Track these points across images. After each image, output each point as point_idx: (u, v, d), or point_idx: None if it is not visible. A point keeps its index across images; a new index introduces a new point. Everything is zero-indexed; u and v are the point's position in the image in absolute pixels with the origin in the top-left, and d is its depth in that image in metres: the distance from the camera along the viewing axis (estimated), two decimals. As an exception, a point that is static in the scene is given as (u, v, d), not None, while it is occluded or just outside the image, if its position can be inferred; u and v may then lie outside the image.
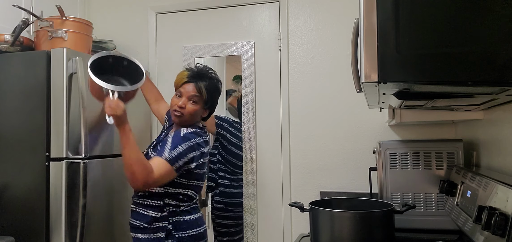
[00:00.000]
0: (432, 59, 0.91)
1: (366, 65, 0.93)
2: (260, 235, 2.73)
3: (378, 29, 0.93)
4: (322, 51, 2.67)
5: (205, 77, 1.95)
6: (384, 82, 0.94)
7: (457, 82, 0.94)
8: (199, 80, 1.93)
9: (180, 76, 1.96)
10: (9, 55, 2.22)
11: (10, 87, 2.19)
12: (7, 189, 2.17)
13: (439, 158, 1.95)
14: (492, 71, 0.88)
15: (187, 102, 1.90)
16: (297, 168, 2.68)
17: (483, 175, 1.40)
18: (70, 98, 2.15)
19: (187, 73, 1.95)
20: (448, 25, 0.91)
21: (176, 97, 1.93)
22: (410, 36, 0.92)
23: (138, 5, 3.02)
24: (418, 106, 1.67)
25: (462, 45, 0.89)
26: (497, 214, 1.09)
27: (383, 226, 1.67)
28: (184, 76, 1.94)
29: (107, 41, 2.87)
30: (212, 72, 2.00)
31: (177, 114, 1.90)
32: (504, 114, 1.51)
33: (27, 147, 2.15)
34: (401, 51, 0.92)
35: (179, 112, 1.90)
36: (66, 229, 2.10)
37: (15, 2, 2.31)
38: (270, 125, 2.74)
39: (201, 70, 1.98)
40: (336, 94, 2.63)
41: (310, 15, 2.70)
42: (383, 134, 2.55)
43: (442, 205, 1.91)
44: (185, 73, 1.95)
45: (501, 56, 0.87)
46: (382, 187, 2.00)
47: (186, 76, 1.94)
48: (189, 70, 1.97)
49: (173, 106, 1.92)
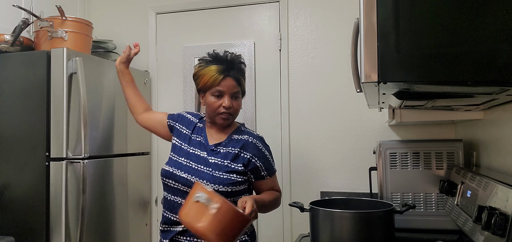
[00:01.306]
0: (432, 59, 0.91)
1: (366, 65, 0.93)
2: (260, 235, 2.73)
3: (378, 29, 0.93)
4: (322, 51, 2.67)
5: (236, 64, 1.71)
6: (384, 82, 0.94)
7: (457, 82, 0.94)
8: (234, 71, 1.68)
9: (211, 73, 1.66)
10: (9, 55, 2.22)
11: (10, 87, 2.19)
12: (7, 189, 2.17)
13: (439, 158, 1.95)
14: (492, 71, 0.88)
15: (230, 100, 1.67)
16: (297, 168, 2.68)
17: (483, 175, 1.40)
18: (70, 98, 2.15)
19: (220, 67, 1.67)
20: (448, 25, 0.90)
21: (214, 97, 1.67)
22: (410, 36, 0.92)
23: (138, 5, 3.02)
24: (418, 106, 1.67)
25: (462, 45, 0.89)
26: (497, 214, 1.09)
27: (383, 226, 1.67)
28: (218, 71, 1.66)
29: (107, 41, 2.87)
30: (236, 55, 1.74)
31: (224, 117, 1.68)
32: (504, 114, 1.51)
33: (27, 147, 2.15)
34: (401, 51, 0.92)
35: (227, 114, 1.67)
36: (66, 229, 2.10)
37: (15, 2, 2.31)
38: (270, 125, 2.74)
39: (230, 58, 1.71)
40: (336, 94, 2.63)
41: (310, 15, 2.70)
42: (383, 134, 2.55)
43: (442, 205, 1.91)
44: (216, 67, 1.67)
45: (501, 56, 0.87)
46: (382, 187, 2.00)
47: (220, 71, 1.66)
48: (218, 62, 1.69)
49: (217, 108, 1.67)
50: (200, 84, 1.71)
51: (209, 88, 1.67)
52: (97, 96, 2.34)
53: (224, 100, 1.66)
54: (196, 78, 1.74)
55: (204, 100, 1.72)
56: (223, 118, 1.68)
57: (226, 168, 1.64)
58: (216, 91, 1.66)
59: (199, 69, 1.72)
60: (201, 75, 1.69)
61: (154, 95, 2.95)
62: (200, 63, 1.73)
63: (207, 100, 1.69)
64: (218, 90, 1.66)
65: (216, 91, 1.66)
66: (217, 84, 1.65)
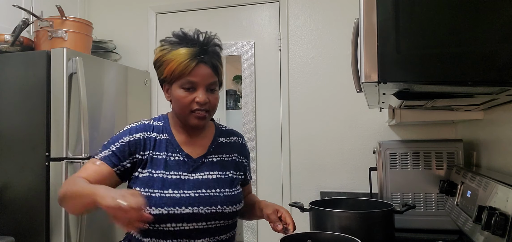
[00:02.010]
0: (432, 59, 0.91)
1: (366, 65, 0.93)
2: (260, 235, 2.73)
3: (378, 29, 0.92)
4: (322, 51, 2.67)
5: (211, 46, 1.32)
6: (384, 82, 0.94)
7: (457, 82, 0.94)
8: (209, 55, 1.30)
9: (180, 58, 1.26)
10: (9, 55, 2.22)
11: (10, 87, 2.19)
12: (7, 189, 2.17)
13: (439, 158, 1.95)
14: (492, 71, 0.88)
15: (206, 93, 1.28)
16: (297, 167, 2.68)
17: (483, 175, 1.40)
18: (70, 98, 2.15)
19: (191, 51, 1.27)
20: (448, 25, 0.90)
21: (184, 91, 1.27)
22: (410, 36, 0.92)
23: (138, 5, 3.02)
24: (418, 106, 1.67)
25: (462, 45, 0.89)
26: (497, 214, 1.09)
27: (383, 226, 1.67)
28: (189, 56, 1.26)
29: (107, 41, 2.87)
30: (212, 34, 1.36)
31: (199, 116, 1.29)
32: (504, 114, 1.51)
33: (27, 146, 2.15)
34: (401, 51, 0.92)
35: (203, 112, 1.29)
36: (66, 229, 2.10)
37: (15, 2, 2.31)
38: (270, 124, 2.74)
39: (204, 39, 1.32)
40: (336, 94, 2.63)
41: (310, 15, 2.70)
42: (383, 134, 2.55)
43: (442, 205, 1.91)
44: (186, 51, 1.27)
45: (501, 56, 0.87)
46: (382, 187, 2.00)
47: (191, 55, 1.26)
48: (187, 44, 1.28)
49: (189, 105, 1.28)
50: (165, 74, 1.29)
51: (178, 79, 1.27)
52: (97, 96, 2.34)
53: (197, 94, 1.27)
54: (158, 66, 1.32)
55: (170, 94, 1.32)
56: (198, 118, 1.29)
57: (231, 180, 1.35)
58: (187, 82, 1.27)
59: (163, 54, 1.29)
60: (166, 61, 1.28)
61: (154, 95, 2.95)
62: (163, 46, 1.31)
63: (175, 95, 1.29)
64: (190, 81, 1.26)
65: (187, 83, 1.27)
66: (188, 74, 1.26)
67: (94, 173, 1.24)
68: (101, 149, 1.30)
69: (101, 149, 1.30)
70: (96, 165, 1.26)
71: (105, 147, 1.30)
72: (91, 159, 1.30)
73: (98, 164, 1.26)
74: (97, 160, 1.27)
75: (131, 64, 2.86)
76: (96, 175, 1.24)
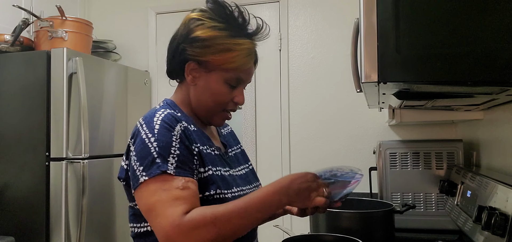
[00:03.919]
0: (432, 59, 0.91)
1: (366, 65, 0.93)
2: (260, 235, 2.73)
3: (378, 29, 0.92)
4: (322, 51, 2.67)
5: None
6: (384, 82, 0.94)
7: (457, 82, 0.94)
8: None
9: (243, 52, 1.07)
10: (9, 55, 2.22)
11: (10, 87, 2.19)
12: (7, 189, 2.17)
13: (439, 158, 1.95)
14: (492, 71, 0.88)
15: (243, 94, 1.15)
16: (297, 168, 2.68)
17: (483, 175, 1.40)
18: (70, 98, 2.15)
19: (252, 47, 1.11)
20: (448, 25, 0.90)
21: (228, 86, 1.09)
22: (410, 36, 0.92)
23: (138, 5, 3.02)
24: (418, 106, 1.67)
25: (462, 45, 0.89)
26: (497, 214, 1.09)
27: (383, 226, 1.67)
28: (249, 53, 1.09)
29: (107, 41, 2.87)
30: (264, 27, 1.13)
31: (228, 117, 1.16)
32: (504, 114, 1.51)
33: (27, 146, 2.15)
34: (401, 51, 0.92)
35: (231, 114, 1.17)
36: (66, 229, 2.10)
37: (15, 2, 2.32)
38: (270, 124, 2.74)
39: (262, 33, 1.13)
40: (336, 94, 2.63)
41: (310, 15, 2.70)
42: (383, 134, 2.55)
43: (442, 205, 1.91)
44: (250, 46, 1.09)
45: (501, 56, 0.87)
46: (382, 187, 2.00)
47: (251, 52, 1.10)
48: (249, 36, 1.10)
49: (226, 103, 1.12)
50: (211, 58, 1.05)
51: (227, 71, 1.07)
52: (97, 96, 2.34)
53: (237, 93, 1.11)
54: (204, 46, 1.05)
55: (201, 81, 1.09)
56: (224, 119, 1.15)
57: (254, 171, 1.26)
58: (236, 79, 1.09)
59: (217, 36, 1.06)
60: (220, 46, 1.05)
61: (154, 95, 2.95)
62: (221, 26, 1.06)
63: (214, 87, 1.08)
64: (240, 78, 1.09)
65: (236, 80, 1.09)
66: (243, 70, 1.09)
67: (193, 197, 0.96)
68: (150, 165, 0.95)
69: (149, 165, 0.95)
70: (182, 187, 0.94)
71: (162, 159, 0.95)
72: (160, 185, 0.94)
73: (183, 183, 0.95)
74: (176, 180, 0.94)
75: (131, 64, 2.86)
76: (195, 199, 0.96)
